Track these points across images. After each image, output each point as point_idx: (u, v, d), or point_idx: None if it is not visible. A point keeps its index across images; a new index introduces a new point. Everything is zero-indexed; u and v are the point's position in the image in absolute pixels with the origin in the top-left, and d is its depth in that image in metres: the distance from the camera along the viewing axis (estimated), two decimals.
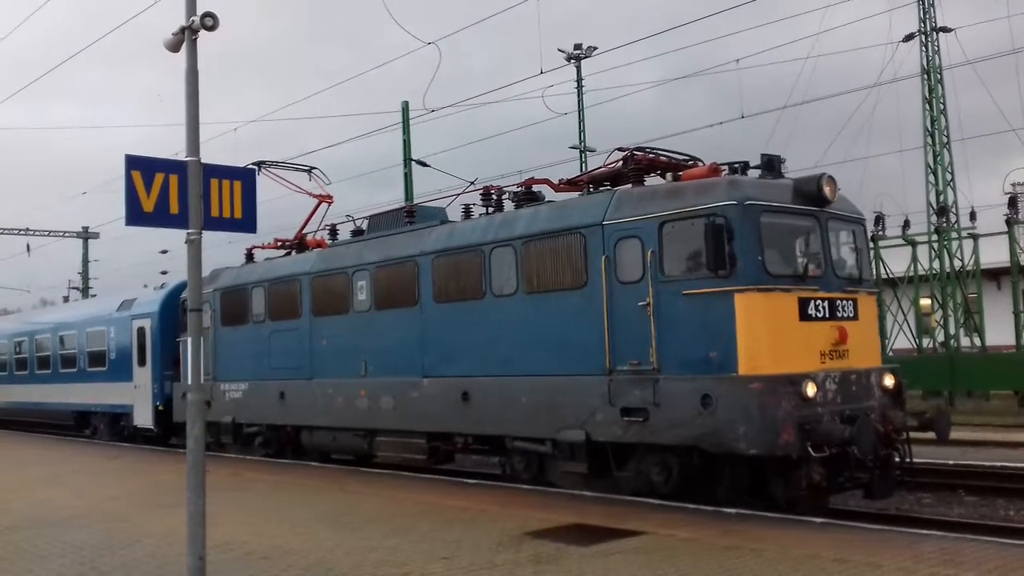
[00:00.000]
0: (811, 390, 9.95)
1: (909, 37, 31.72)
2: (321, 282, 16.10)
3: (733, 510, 10.17)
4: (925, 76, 31.86)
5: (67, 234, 49.64)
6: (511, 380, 12.36)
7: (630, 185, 11.97)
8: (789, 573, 7.26)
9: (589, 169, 13.59)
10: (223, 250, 40.54)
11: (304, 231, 18.77)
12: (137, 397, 22.21)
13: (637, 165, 12.11)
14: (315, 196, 18.81)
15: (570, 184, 13.39)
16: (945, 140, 32.15)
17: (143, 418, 22.02)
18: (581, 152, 35.99)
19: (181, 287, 20.71)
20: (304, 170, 19.09)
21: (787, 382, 9.82)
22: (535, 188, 13.56)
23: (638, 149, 12.44)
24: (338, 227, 17.77)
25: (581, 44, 36.14)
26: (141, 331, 22.33)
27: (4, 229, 46.42)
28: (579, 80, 36.38)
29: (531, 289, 12.16)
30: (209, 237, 7.34)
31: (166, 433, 21.56)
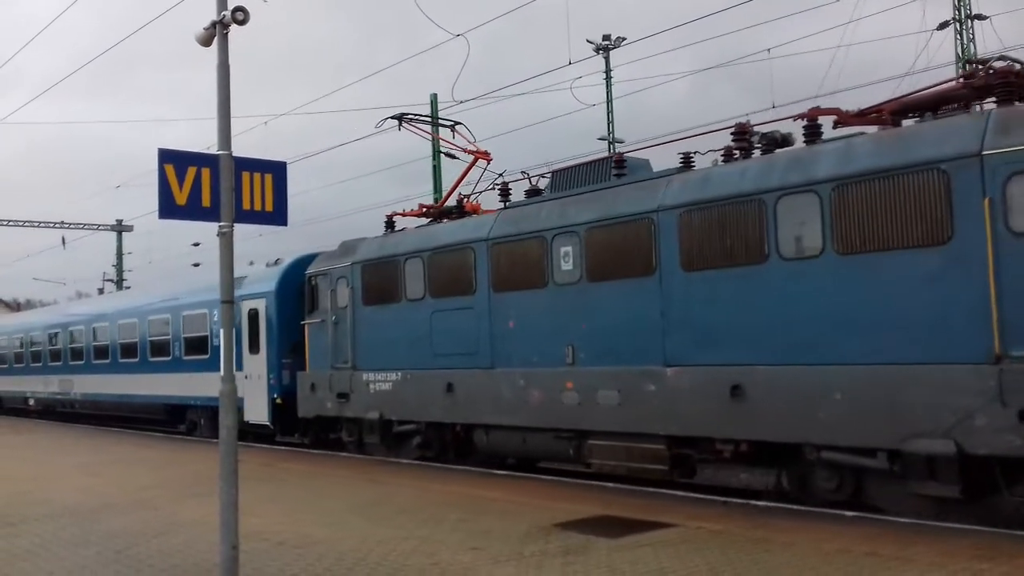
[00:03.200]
0: None
1: (943, 25, 31.27)
2: (504, 250, 13.28)
3: (763, 503, 10.11)
4: (959, 65, 31.39)
5: (101, 227, 50.24)
6: (817, 370, 9.52)
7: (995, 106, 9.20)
8: (820, 567, 7.22)
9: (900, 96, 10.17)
10: (253, 243, 40.85)
11: (456, 195, 16.35)
12: (248, 388, 19.10)
13: (1005, 80, 9.22)
14: (471, 152, 16.17)
15: (861, 116, 10.54)
16: None
17: (256, 412, 19.09)
18: (609, 144, 35.85)
19: (303, 262, 18.53)
20: (448, 125, 17.14)
21: None
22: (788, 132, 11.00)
23: (1000, 58, 9.75)
24: (510, 187, 14.92)
25: (609, 35, 35.98)
26: (253, 313, 19.40)
27: (40, 222, 47.10)
28: (607, 71, 36.23)
29: (847, 249, 9.38)
30: (240, 230, 7.40)
31: (283, 430, 18.98)
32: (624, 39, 35.80)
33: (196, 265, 44.23)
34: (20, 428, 28.27)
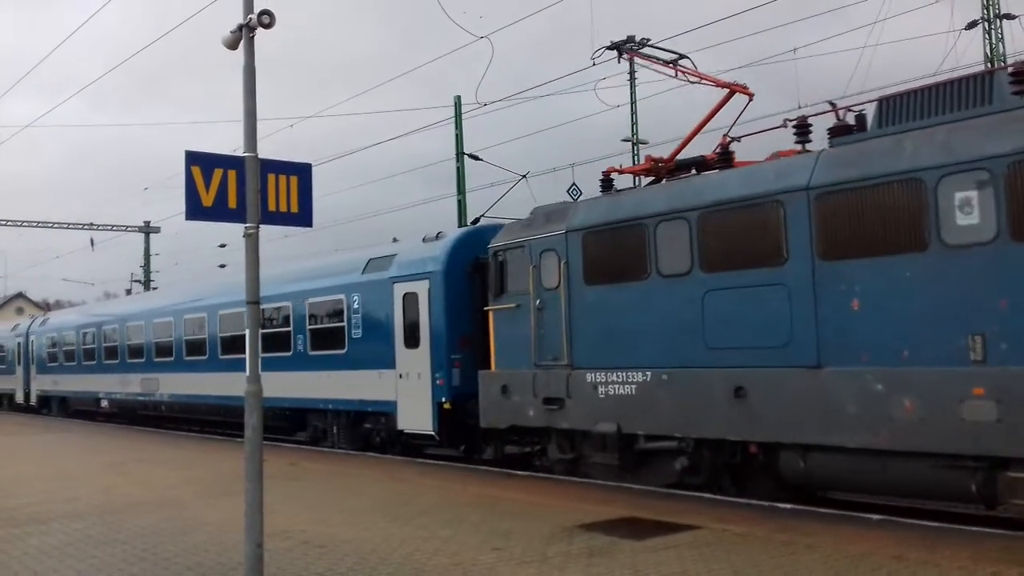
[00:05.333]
0: None
1: (972, 25, 30.92)
2: (839, 202, 9.70)
3: (788, 506, 10.05)
4: (988, 65, 31.03)
5: (129, 228, 50.77)
6: None
7: None
8: (845, 570, 7.17)
9: None
10: (278, 244, 41.07)
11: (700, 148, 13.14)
12: (404, 390, 15.84)
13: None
14: (724, 84, 13.24)
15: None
16: None
17: (415, 419, 15.64)
18: (633, 145, 35.76)
19: (473, 236, 15.65)
20: (671, 60, 14.43)
21: None
22: None
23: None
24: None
25: (633, 36, 35.86)
26: (409, 299, 15.97)
27: (69, 224, 47.69)
28: (631, 72, 36.11)
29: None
30: (266, 231, 7.45)
31: (452, 440, 15.68)
32: (648, 40, 35.69)
33: (222, 266, 44.62)
34: (52, 427, 28.53)
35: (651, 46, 15.10)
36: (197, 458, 17.67)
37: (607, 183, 13.46)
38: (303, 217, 7.55)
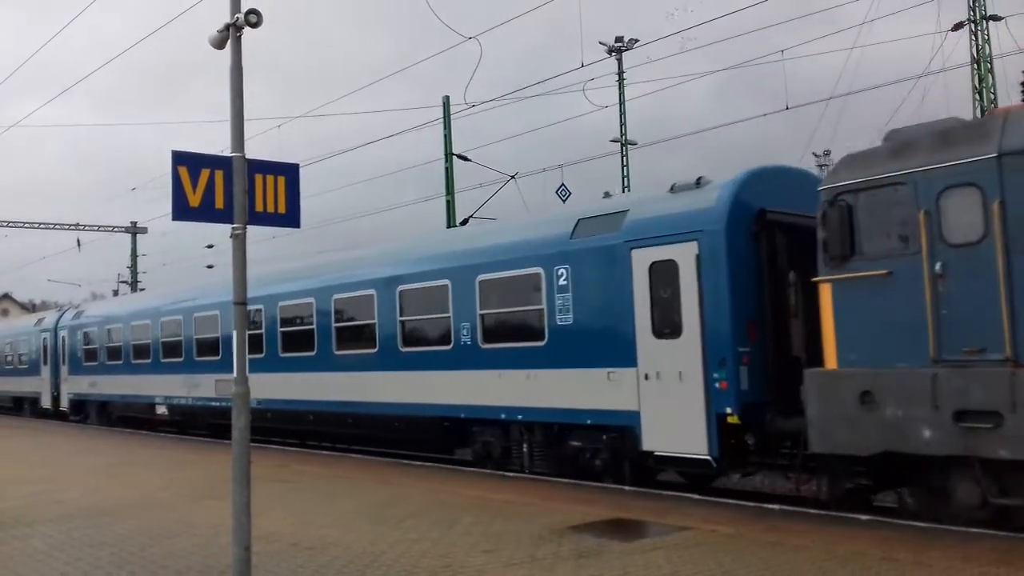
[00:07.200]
0: None
1: (958, 26, 31.10)
2: None
3: (777, 506, 10.06)
4: (975, 66, 31.21)
5: (116, 229, 50.54)
6: None
7: None
8: (834, 570, 7.17)
9: None
10: (266, 246, 40.93)
11: None
12: (654, 397, 11.60)
13: None
14: None
15: None
16: None
17: (677, 437, 11.33)
18: (622, 146, 35.82)
19: (766, 179, 11.80)
20: None
21: None
22: None
23: None
24: None
25: (622, 36, 35.96)
26: (663, 270, 11.66)
27: (55, 224, 47.45)
28: (620, 73, 36.17)
29: None
30: (254, 232, 7.42)
31: (735, 465, 11.45)
32: (636, 41, 35.78)
33: (210, 267, 44.47)
34: (38, 429, 28.26)
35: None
36: (185, 461, 17.57)
37: None
38: (290, 217, 7.51)
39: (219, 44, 7.12)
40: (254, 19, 6.97)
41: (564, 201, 28.69)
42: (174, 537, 9.42)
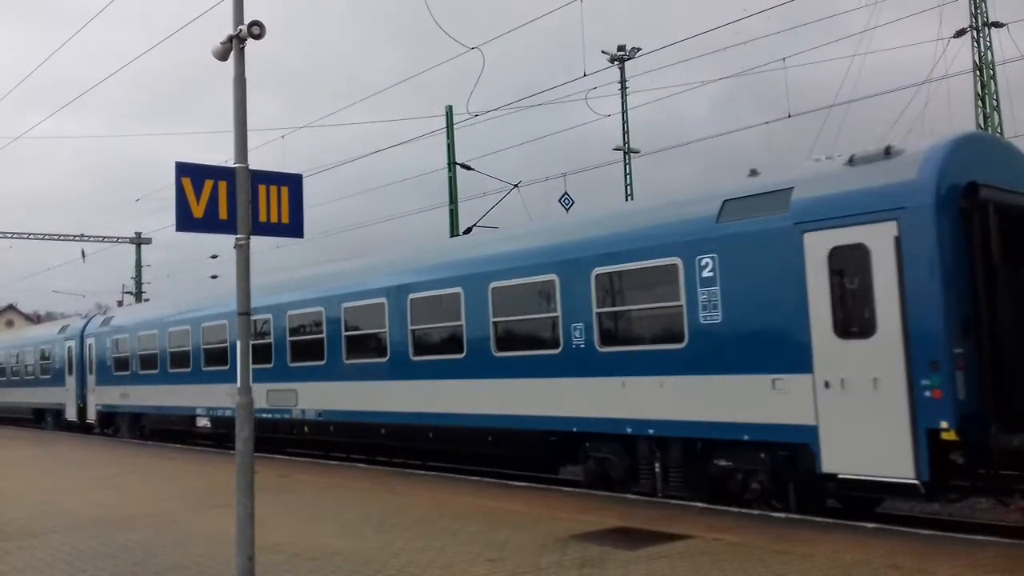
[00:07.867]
0: None
1: (960, 33, 31.12)
2: None
3: (782, 515, 10.03)
4: (977, 72, 31.21)
5: (120, 240, 50.63)
6: None
7: None
8: None
9: None
10: (268, 256, 40.99)
11: None
12: (838, 408, 9.73)
13: None
14: None
15: None
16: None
17: (872, 458, 9.44)
18: (625, 154, 35.84)
19: (979, 146, 10.68)
20: None
21: None
22: None
23: None
24: None
25: (624, 45, 36.02)
26: (848, 256, 9.85)
27: (60, 235, 47.51)
28: (623, 82, 36.21)
29: None
30: (257, 242, 7.44)
31: (947, 490, 9.66)
32: (639, 49, 35.84)
33: (214, 277, 44.52)
34: (40, 440, 28.25)
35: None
36: (189, 471, 17.56)
37: None
38: (294, 227, 7.54)
39: (222, 56, 7.16)
40: (257, 31, 7.00)
41: (567, 210, 28.66)
42: (178, 547, 9.41)
